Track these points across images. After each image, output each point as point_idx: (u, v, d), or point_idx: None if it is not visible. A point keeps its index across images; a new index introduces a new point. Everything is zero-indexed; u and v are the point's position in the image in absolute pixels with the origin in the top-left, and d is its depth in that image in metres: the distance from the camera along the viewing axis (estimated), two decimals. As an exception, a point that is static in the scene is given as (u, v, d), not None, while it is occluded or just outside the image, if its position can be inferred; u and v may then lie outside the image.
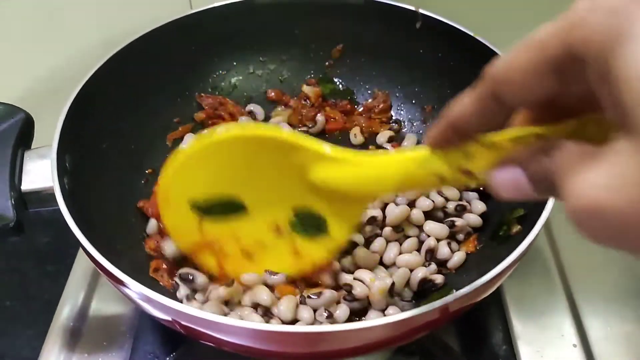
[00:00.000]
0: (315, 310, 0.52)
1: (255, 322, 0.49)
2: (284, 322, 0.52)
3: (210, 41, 0.72)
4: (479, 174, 0.34)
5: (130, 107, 0.61)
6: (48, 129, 0.55)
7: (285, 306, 0.52)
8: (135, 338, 0.61)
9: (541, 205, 0.50)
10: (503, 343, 0.60)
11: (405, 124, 0.73)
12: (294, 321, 0.52)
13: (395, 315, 0.44)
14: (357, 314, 0.54)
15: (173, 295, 0.55)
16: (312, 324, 0.51)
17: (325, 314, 0.51)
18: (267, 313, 0.52)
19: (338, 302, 0.53)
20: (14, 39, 0.75)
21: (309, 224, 0.49)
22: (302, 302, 0.53)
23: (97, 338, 0.62)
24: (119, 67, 0.63)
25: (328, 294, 0.52)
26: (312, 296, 0.52)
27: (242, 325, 0.43)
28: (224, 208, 0.49)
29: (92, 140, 0.60)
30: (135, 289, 0.46)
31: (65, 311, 0.64)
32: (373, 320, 0.43)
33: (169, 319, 0.47)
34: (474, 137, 0.33)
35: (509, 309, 0.62)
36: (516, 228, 0.55)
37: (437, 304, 0.43)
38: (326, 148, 0.43)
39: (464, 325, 0.61)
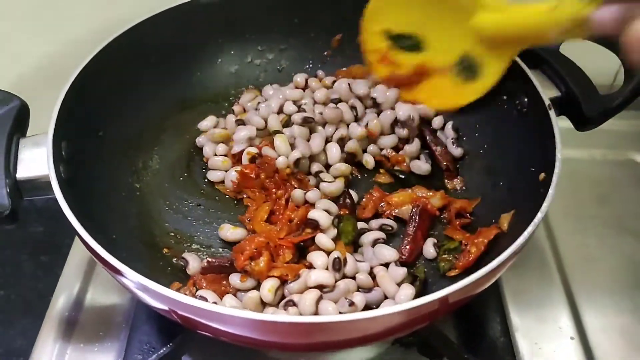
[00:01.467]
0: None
1: (252, 312, 0.49)
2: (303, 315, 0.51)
3: (208, 30, 0.71)
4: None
5: (128, 95, 0.60)
6: (44, 117, 0.54)
7: (309, 300, 0.51)
8: (131, 328, 0.61)
9: (539, 198, 0.50)
10: (501, 335, 0.60)
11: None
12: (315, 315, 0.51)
13: (394, 306, 0.43)
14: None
15: (169, 285, 0.55)
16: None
17: (347, 302, 0.50)
18: (288, 303, 0.52)
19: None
20: (9, 25, 0.74)
21: (468, 68, 0.62)
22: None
23: (93, 328, 0.62)
24: (116, 55, 0.62)
25: (342, 285, 0.52)
26: (325, 290, 0.52)
27: (239, 315, 0.43)
28: (406, 41, 0.66)
29: (89, 128, 0.60)
30: (132, 277, 0.45)
31: (60, 301, 0.64)
32: (371, 311, 0.43)
33: (166, 308, 0.46)
34: None
35: (507, 302, 0.63)
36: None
37: (437, 295, 0.43)
38: None
39: (462, 318, 0.61)
